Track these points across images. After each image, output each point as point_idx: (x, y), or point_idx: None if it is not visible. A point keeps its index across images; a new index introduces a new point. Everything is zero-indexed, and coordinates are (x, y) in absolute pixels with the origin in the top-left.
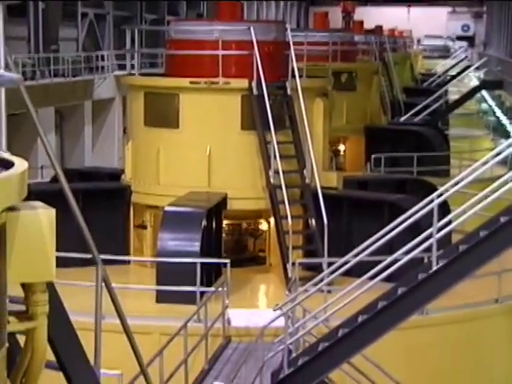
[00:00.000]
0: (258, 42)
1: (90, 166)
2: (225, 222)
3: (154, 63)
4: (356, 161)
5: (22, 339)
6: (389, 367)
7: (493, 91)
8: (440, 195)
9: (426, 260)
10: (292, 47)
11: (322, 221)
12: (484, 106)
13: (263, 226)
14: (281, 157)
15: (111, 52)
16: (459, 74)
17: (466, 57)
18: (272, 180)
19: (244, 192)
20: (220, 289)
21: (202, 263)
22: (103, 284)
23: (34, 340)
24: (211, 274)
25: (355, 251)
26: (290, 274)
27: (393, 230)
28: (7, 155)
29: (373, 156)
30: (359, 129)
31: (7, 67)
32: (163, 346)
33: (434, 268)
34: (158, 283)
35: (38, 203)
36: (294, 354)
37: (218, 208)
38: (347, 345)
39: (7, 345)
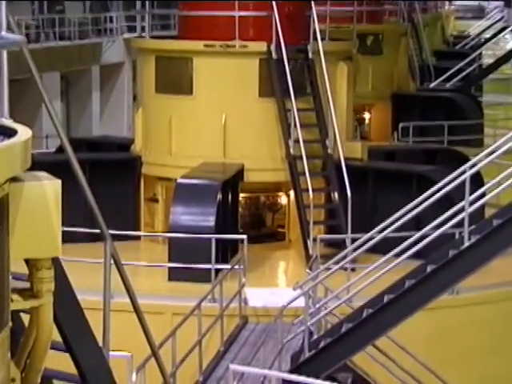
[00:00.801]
0: (277, 2)
1: (97, 135)
2: (241, 195)
3: (166, 25)
4: (382, 130)
5: (26, 318)
6: (416, 350)
7: None
8: (473, 166)
9: (457, 236)
10: (314, 8)
11: (345, 194)
12: None
13: (282, 199)
14: (301, 125)
15: (120, 13)
16: (494, 36)
17: (502, 17)
18: (292, 150)
19: (262, 163)
20: (236, 266)
21: (217, 239)
22: (112, 261)
23: (38, 319)
24: (227, 251)
25: (381, 226)
26: (310, 251)
27: (422, 203)
28: (10, 123)
29: (400, 124)
30: (386, 95)
31: (9, 29)
32: (176, 327)
33: (466, 244)
34: (171, 260)
35: (43, 174)
36: (315, 336)
37: (234, 180)
38: (372, 326)
39: (11, 324)
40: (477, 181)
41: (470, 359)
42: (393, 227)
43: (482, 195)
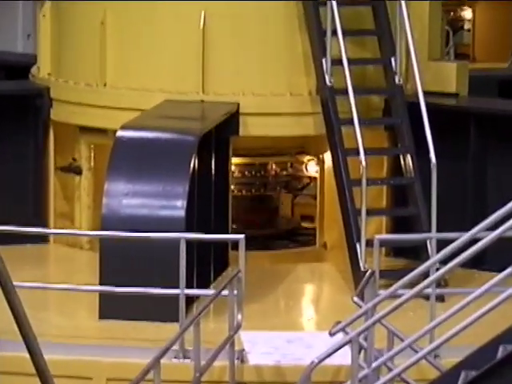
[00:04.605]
0: None
1: None
2: (235, 162)
3: None
4: (494, 41)
5: None
6: None
7: None
8: None
9: None
10: None
11: (426, 158)
12: None
13: (309, 168)
14: (345, 32)
15: None
16: None
17: None
18: (328, 78)
19: (272, 103)
20: (225, 292)
21: (191, 242)
22: None
23: None
24: (209, 264)
25: (492, 219)
26: (362, 264)
27: None
28: None
29: None
30: None
31: None
32: None
33: None
34: (104, 280)
35: None
36: None
37: (221, 134)
38: None
39: None
40: None
41: None
42: None
43: None
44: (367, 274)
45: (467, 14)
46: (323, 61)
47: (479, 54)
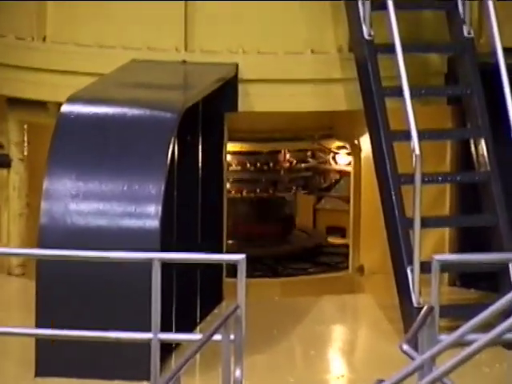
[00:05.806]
0: None
1: None
2: (232, 149)
3: None
4: None
5: None
6: None
7: None
8: None
9: None
10: None
11: (507, 145)
12: None
13: (340, 158)
14: None
15: None
16: None
17: None
18: (367, 31)
19: (285, 65)
20: (218, 337)
21: (168, 265)
22: None
23: None
24: (194, 296)
25: None
26: (415, 297)
27: None
28: None
29: None
30: None
31: None
32: None
33: None
34: (42, 319)
35: None
36: None
37: (212, 109)
38: None
39: None
40: None
41: None
42: None
43: None
44: (423, 310)
45: None
46: (359, 4)
47: None
